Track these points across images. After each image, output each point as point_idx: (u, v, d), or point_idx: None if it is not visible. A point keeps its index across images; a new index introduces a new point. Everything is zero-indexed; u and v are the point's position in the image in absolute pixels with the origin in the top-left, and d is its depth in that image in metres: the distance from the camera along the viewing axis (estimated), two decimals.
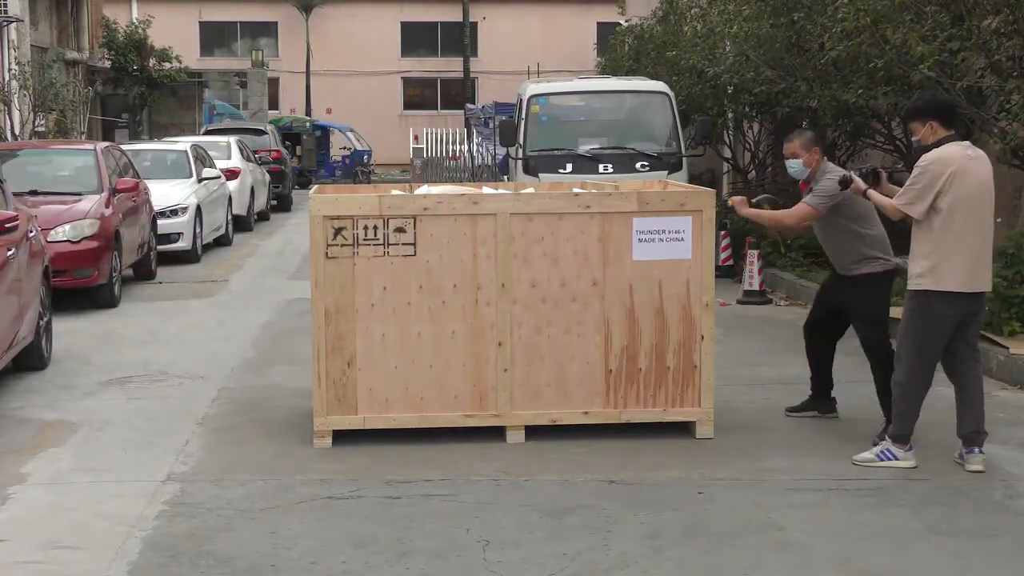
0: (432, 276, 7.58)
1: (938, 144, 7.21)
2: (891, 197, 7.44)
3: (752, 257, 13.60)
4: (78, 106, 27.36)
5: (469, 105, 33.84)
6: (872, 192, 7.61)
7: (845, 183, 7.78)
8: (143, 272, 15.83)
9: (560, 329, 7.70)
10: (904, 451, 7.23)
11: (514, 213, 7.62)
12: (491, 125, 27.91)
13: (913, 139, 7.54)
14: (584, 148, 15.24)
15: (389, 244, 7.54)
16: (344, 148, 41.14)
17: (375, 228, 7.52)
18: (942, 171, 7.03)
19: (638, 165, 14.87)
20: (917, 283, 7.23)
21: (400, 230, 7.49)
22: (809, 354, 8.42)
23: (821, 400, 8.43)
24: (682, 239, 7.68)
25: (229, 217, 20.76)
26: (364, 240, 7.53)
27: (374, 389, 7.66)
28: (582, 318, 7.70)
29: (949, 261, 7.11)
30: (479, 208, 7.62)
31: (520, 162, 15.26)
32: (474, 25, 49.46)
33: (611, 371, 7.75)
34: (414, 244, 7.55)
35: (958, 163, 7.06)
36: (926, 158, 7.16)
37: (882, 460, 7.23)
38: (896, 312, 8.09)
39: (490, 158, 25.60)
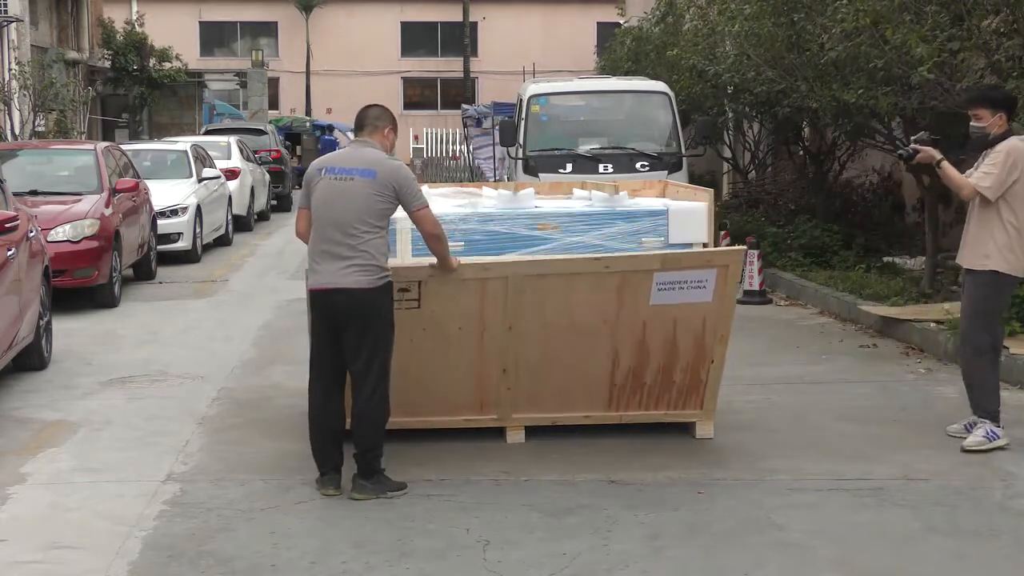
0: (436, 322, 7.32)
1: (1003, 137, 7.46)
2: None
3: (752, 257, 13.60)
4: (78, 106, 27.37)
5: (464, 106, 33.81)
6: (946, 164, 7.62)
7: (910, 156, 7.79)
8: (143, 272, 15.83)
9: (567, 356, 7.50)
10: (1001, 428, 7.49)
11: (528, 275, 7.31)
12: (483, 124, 27.74)
13: (974, 124, 7.60)
14: (584, 148, 15.23)
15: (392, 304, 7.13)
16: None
17: None
18: (1019, 162, 7.35)
19: (638, 165, 14.87)
20: (994, 264, 7.42)
21: (404, 290, 7.16)
22: None
23: None
24: (704, 287, 7.41)
25: (229, 217, 20.77)
26: None
27: None
28: (591, 349, 7.50)
29: (1018, 248, 7.44)
30: (490, 272, 7.29)
31: (520, 162, 15.26)
32: (474, 25, 49.48)
33: (615, 385, 7.66)
34: (418, 300, 7.26)
35: None
36: (1005, 146, 7.41)
37: (992, 440, 7.42)
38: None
39: (488, 162, 25.39)
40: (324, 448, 6.79)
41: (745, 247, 7.70)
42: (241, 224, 22.29)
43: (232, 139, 24.40)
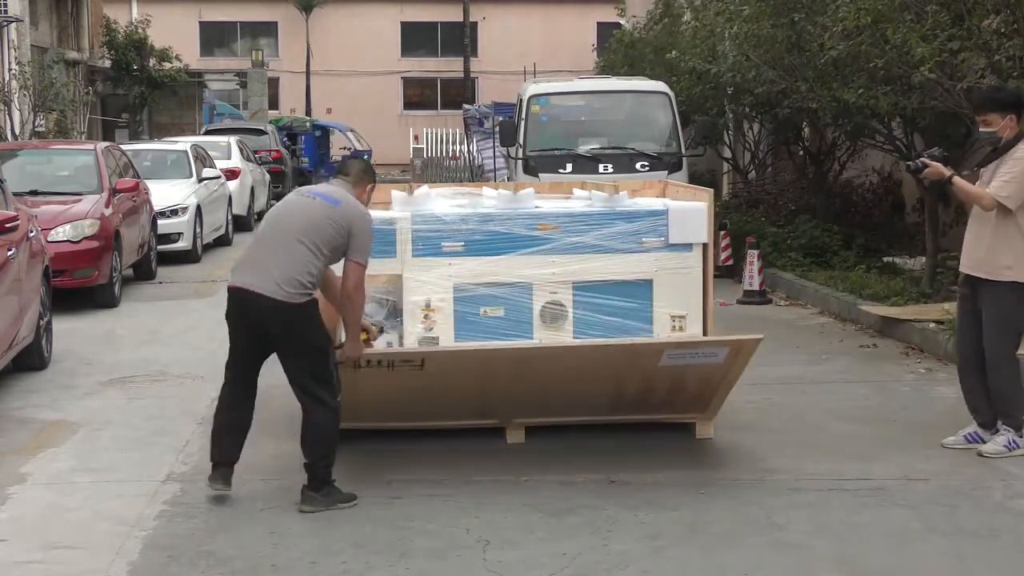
0: (440, 378, 7.31)
1: (1017, 140, 7.29)
2: None
3: (752, 257, 13.60)
4: (78, 106, 27.35)
5: (466, 106, 33.77)
6: (958, 180, 7.44)
7: (918, 169, 7.61)
8: (143, 272, 15.83)
9: (572, 389, 7.53)
10: (1022, 438, 7.40)
11: (534, 356, 7.37)
12: (484, 124, 27.72)
13: (984, 129, 7.43)
14: (584, 148, 15.22)
15: (395, 367, 7.20)
16: (344, 148, 41.06)
17: (379, 361, 7.16)
18: None
19: (638, 165, 14.86)
20: (1016, 275, 7.25)
21: (408, 361, 7.20)
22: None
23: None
24: (716, 356, 7.38)
25: (229, 217, 20.77)
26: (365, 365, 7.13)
27: (376, 412, 7.58)
28: (597, 386, 7.54)
29: None
30: (495, 348, 7.35)
31: (520, 162, 15.26)
32: (474, 25, 49.45)
33: (619, 404, 7.71)
34: (421, 365, 7.23)
35: None
36: (1023, 152, 7.25)
37: (1012, 450, 7.34)
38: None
39: (491, 160, 25.33)
40: (223, 441, 6.66)
41: (761, 336, 7.57)
42: (241, 224, 22.27)
43: (232, 139, 24.40)
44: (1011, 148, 7.29)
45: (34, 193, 13.84)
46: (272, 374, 9.92)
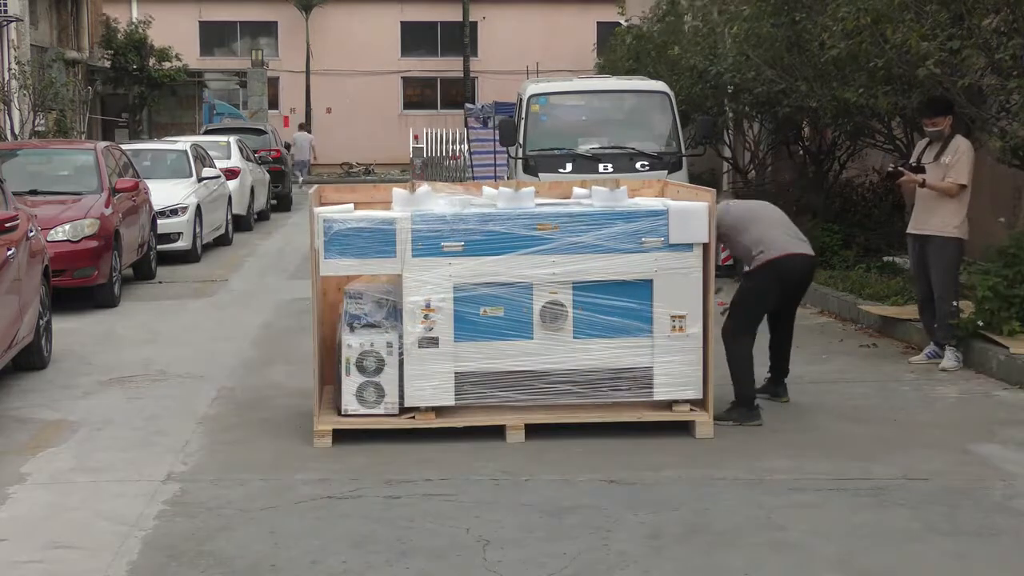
0: None
1: (953, 134, 9.58)
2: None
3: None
4: (78, 106, 27.35)
5: (468, 105, 33.69)
6: (928, 182, 9.49)
7: (894, 176, 9.77)
8: (143, 272, 15.83)
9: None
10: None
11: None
12: (489, 124, 27.73)
13: (935, 129, 9.59)
14: (584, 148, 15.19)
15: None
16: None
17: None
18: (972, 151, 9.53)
19: (638, 165, 14.83)
20: (959, 232, 9.51)
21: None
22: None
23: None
24: None
25: (229, 217, 20.78)
26: None
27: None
28: None
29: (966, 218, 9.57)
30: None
31: (520, 162, 15.24)
32: (474, 25, 49.43)
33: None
34: None
35: None
36: (965, 143, 9.56)
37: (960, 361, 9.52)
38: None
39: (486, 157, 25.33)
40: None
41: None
42: (241, 224, 22.30)
43: (232, 139, 24.40)
44: (949, 140, 9.51)
45: (34, 193, 13.85)
46: (271, 374, 9.95)
